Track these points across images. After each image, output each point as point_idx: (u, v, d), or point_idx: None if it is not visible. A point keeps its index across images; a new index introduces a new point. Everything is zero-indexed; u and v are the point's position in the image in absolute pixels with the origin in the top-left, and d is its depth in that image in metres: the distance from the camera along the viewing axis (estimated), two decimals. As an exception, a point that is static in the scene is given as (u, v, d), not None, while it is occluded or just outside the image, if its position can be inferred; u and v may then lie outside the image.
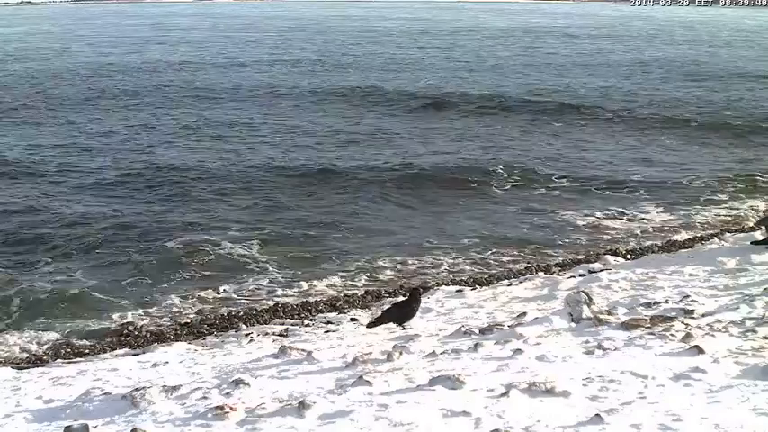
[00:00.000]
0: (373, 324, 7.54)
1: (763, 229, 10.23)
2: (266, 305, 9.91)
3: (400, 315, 7.41)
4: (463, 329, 6.88)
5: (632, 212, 14.17)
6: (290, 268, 11.33)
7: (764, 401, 4.37)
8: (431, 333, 7.10)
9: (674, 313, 6.64)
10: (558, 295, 8.40)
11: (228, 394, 5.07)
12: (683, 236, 12.58)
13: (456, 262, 11.62)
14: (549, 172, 17.10)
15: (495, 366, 5.38)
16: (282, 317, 9.40)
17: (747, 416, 4.21)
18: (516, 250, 12.11)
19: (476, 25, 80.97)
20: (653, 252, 11.44)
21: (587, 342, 5.89)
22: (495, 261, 11.68)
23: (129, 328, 9.28)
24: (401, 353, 5.87)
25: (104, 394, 5.41)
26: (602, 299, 7.85)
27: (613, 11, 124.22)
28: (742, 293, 7.43)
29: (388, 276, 11.09)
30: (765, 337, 5.59)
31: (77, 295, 10.26)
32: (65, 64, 40.23)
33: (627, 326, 6.23)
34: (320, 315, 9.35)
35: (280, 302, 9.98)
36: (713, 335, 5.67)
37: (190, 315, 9.71)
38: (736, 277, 8.41)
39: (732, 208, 14.44)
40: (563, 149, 19.82)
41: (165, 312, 9.83)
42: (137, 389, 5.18)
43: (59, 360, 8.09)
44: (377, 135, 21.71)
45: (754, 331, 5.75)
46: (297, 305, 9.81)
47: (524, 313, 7.50)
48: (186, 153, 19.21)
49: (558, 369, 5.19)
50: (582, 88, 31.06)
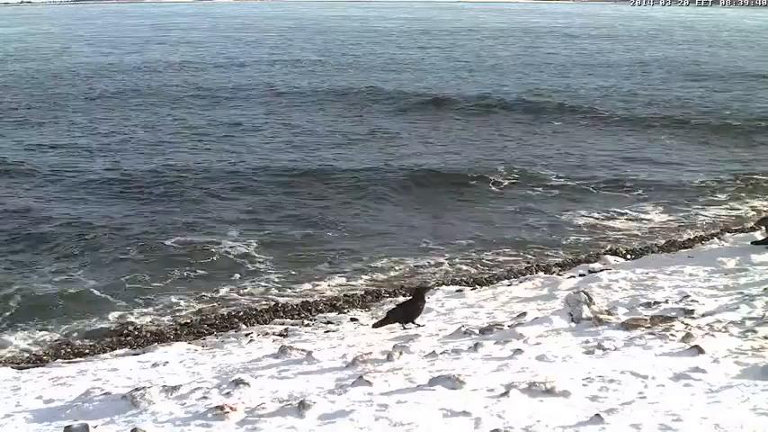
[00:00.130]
0: (379, 324, 7.53)
1: (763, 229, 10.22)
2: (266, 305, 9.93)
3: (405, 315, 7.41)
4: (463, 329, 6.88)
5: (632, 212, 14.18)
6: (290, 268, 11.35)
7: (764, 401, 4.37)
8: (431, 333, 7.10)
9: (674, 313, 6.64)
10: (558, 295, 8.40)
11: (228, 394, 5.07)
12: (683, 236, 12.58)
13: (456, 262, 11.62)
14: (549, 172, 17.10)
15: (495, 366, 5.38)
16: (282, 317, 9.41)
17: (747, 416, 4.21)
18: (516, 250, 12.12)
19: (476, 25, 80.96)
20: (653, 252, 11.44)
21: (587, 342, 5.89)
22: (495, 261, 11.68)
23: (129, 328, 9.29)
24: (401, 353, 5.88)
25: (104, 394, 5.42)
26: (602, 299, 7.85)
27: (613, 11, 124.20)
28: (742, 293, 7.43)
29: (387, 276, 11.10)
30: (765, 337, 5.58)
31: (77, 295, 10.28)
32: (65, 64, 40.24)
33: (627, 326, 6.23)
34: (320, 315, 9.36)
35: (280, 302, 10.00)
36: (713, 335, 5.67)
37: (190, 315, 9.73)
38: (736, 277, 8.41)
39: (732, 208, 14.44)
40: (563, 149, 19.80)
41: (165, 312, 9.83)
42: (137, 389, 5.18)
43: (59, 360, 8.10)
44: (377, 135, 21.71)
45: (754, 331, 5.75)
46: (297, 305, 9.81)
47: (524, 313, 7.50)
48: (186, 153, 19.22)
49: (558, 369, 5.18)
50: (582, 88, 31.05)
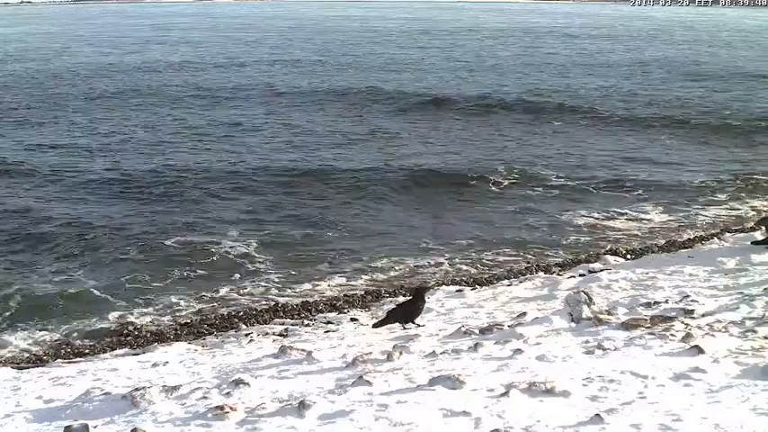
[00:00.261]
0: (379, 324, 7.53)
1: (763, 229, 10.22)
2: (266, 305, 9.92)
3: (405, 315, 7.42)
4: (463, 329, 6.88)
5: (632, 212, 14.18)
6: (290, 268, 11.34)
7: (764, 401, 4.37)
8: (431, 333, 7.10)
9: (674, 313, 6.64)
10: (558, 295, 8.40)
11: (228, 394, 5.07)
12: (683, 236, 12.58)
13: (456, 262, 11.62)
14: (549, 172, 17.10)
15: (495, 366, 5.38)
16: (282, 317, 9.41)
17: (747, 416, 4.20)
18: (516, 250, 12.11)
19: (476, 25, 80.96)
20: (653, 252, 11.44)
21: (587, 342, 5.89)
22: (495, 261, 11.68)
23: (129, 328, 9.29)
24: (401, 353, 5.88)
25: (104, 394, 5.42)
26: (602, 299, 7.85)
27: (613, 11, 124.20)
28: (742, 293, 7.42)
29: (387, 276, 11.09)
30: (765, 337, 5.58)
31: (77, 295, 10.28)
32: (65, 64, 40.25)
33: (627, 326, 6.23)
34: (320, 315, 9.36)
35: (280, 302, 9.99)
36: (713, 335, 5.67)
37: (190, 315, 9.72)
38: (736, 277, 8.41)
39: (732, 208, 14.44)
40: (563, 149, 19.80)
41: (165, 312, 9.83)
42: (137, 389, 5.18)
43: (59, 360, 8.10)
44: (377, 135, 21.71)
45: (754, 331, 5.75)
46: (297, 305, 9.81)
47: (524, 313, 7.50)
48: (186, 153, 19.22)
49: (558, 369, 5.18)
50: (582, 88, 31.05)
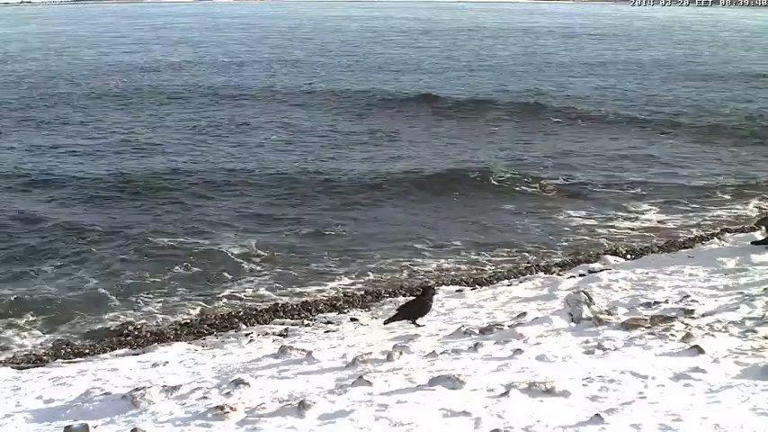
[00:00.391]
0: (390, 321, 7.90)
1: (763, 229, 10.23)
2: (266, 305, 9.91)
3: (415, 311, 7.80)
4: (463, 329, 6.88)
5: (632, 212, 14.17)
6: (290, 268, 11.34)
7: (764, 401, 4.37)
8: (431, 333, 7.11)
9: (674, 313, 6.65)
10: (558, 295, 8.40)
11: (228, 394, 5.07)
12: (683, 236, 12.57)
13: (456, 262, 11.61)
14: (550, 172, 17.10)
15: (495, 366, 5.38)
16: (282, 317, 9.40)
17: (747, 416, 4.21)
18: (516, 250, 12.10)
19: (476, 25, 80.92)
20: (653, 252, 11.43)
21: (587, 342, 5.89)
22: (495, 261, 11.67)
23: (129, 328, 9.27)
24: (401, 353, 5.88)
25: (104, 394, 5.42)
26: (602, 299, 7.85)
27: (613, 11, 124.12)
28: (742, 293, 7.43)
29: (387, 276, 11.09)
30: (765, 337, 5.59)
31: (77, 295, 10.27)
32: (65, 64, 40.24)
33: (627, 326, 6.24)
34: (320, 315, 9.35)
35: (280, 302, 9.98)
36: (713, 335, 5.68)
37: (190, 315, 9.71)
38: (736, 277, 8.41)
39: (732, 208, 14.43)
40: (563, 149, 19.79)
41: (165, 312, 9.83)
42: (137, 389, 5.18)
43: (59, 360, 8.09)
44: (376, 135, 21.69)
45: (754, 331, 5.75)
46: (297, 305, 9.80)
47: (524, 313, 7.50)
48: (186, 153, 19.20)
49: (558, 369, 5.19)
50: (582, 88, 31.05)
